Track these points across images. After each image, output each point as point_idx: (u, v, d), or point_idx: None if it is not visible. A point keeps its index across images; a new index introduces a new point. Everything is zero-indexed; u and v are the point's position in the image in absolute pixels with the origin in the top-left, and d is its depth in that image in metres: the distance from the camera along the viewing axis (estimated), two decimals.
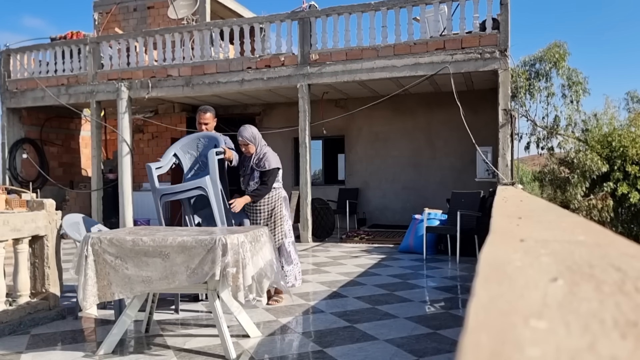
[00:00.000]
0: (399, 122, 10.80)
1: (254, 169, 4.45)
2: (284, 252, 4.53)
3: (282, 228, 4.54)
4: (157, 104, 11.43)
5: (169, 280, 3.10)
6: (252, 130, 4.50)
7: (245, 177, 4.54)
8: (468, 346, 0.45)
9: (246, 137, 4.43)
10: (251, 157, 4.49)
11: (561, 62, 11.67)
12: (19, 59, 10.72)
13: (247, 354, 3.22)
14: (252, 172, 4.46)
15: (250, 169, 4.47)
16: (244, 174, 4.55)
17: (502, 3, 7.66)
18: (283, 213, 4.55)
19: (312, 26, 8.62)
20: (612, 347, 0.43)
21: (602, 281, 0.63)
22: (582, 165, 11.03)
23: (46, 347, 3.39)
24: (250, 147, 4.45)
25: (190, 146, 4.48)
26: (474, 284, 0.64)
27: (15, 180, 10.91)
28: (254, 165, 4.45)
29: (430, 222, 7.42)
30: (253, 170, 4.45)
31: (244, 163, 4.56)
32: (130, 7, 12.46)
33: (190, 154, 4.46)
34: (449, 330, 3.65)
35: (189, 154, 4.46)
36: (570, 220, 1.56)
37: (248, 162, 4.51)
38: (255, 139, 4.47)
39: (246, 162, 4.54)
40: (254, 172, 4.45)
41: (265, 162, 4.42)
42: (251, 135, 4.45)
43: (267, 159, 4.43)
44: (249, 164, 4.48)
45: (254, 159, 4.47)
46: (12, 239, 3.83)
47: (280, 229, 4.53)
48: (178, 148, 4.45)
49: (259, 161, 4.45)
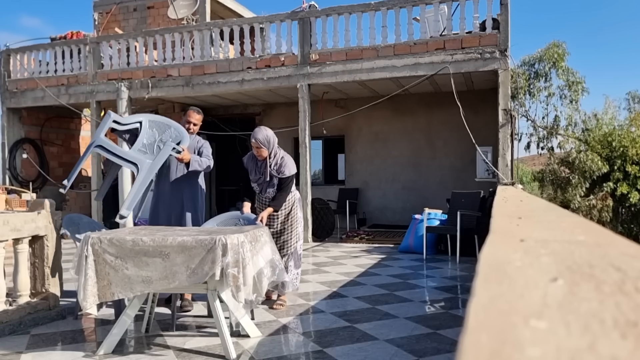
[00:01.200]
0: (399, 122, 10.80)
1: (273, 175, 4.23)
2: (295, 255, 4.38)
3: (297, 230, 4.41)
4: (157, 104, 11.43)
5: (169, 280, 3.09)
6: (267, 132, 4.20)
7: (263, 185, 4.30)
8: (468, 346, 0.45)
9: (259, 139, 4.14)
10: (266, 162, 4.23)
11: (560, 62, 11.67)
12: (19, 59, 10.72)
13: (247, 354, 3.22)
14: (271, 179, 4.25)
15: (269, 176, 4.24)
16: (261, 181, 4.30)
17: (502, 3, 7.66)
18: (298, 215, 4.41)
19: (312, 26, 8.62)
20: (612, 347, 0.43)
21: (602, 281, 0.63)
22: (582, 165, 11.02)
23: (46, 347, 3.39)
24: (263, 151, 4.17)
25: (160, 127, 4.20)
26: (474, 284, 0.64)
27: (15, 180, 10.91)
28: (274, 172, 4.22)
29: (430, 222, 7.42)
30: (272, 177, 4.24)
31: (258, 168, 4.30)
32: (130, 7, 12.46)
33: (154, 131, 4.18)
34: (449, 330, 3.65)
35: (153, 131, 4.17)
36: (570, 220, 1.56)
37: (264, 168, 4.25)
38: (269, 143, 4.18)
39: (261, 167, 4.28)
40: (273, 178, 4.24)
41: (285, 169, 4.21)
42: (265, 138, 4.16)
43: (286, 165, 4.23)
44: (266, 170, 4.24)
45: (272, 166, 4.22)
46: (12, 239, 3.83)
47: (296, 232, 4.38)
48: (148, 119, 4.20)
49: (278, 167, 4.22)
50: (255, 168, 4.33)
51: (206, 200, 4.80)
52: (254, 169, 4.34)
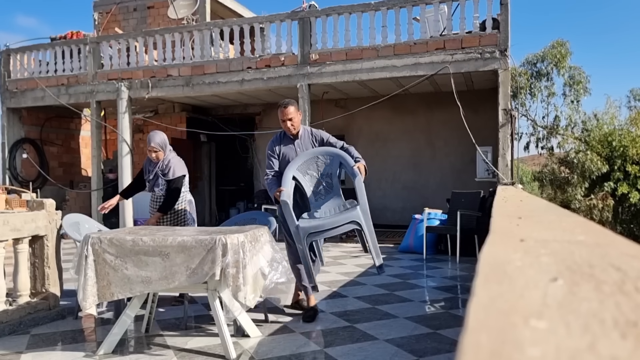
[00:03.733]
0: (399, 122, 10.80)
1: (158, 175, 4.31)
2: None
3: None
4: (157, 104, 11.43)
5: (169, 280, 3.09)
6: (162, 136, 4.33)
7: (149, 183, 4.40)
8: (468, 346, 0.45)
9: (159, 143, 4.25)
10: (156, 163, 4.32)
11: (563, 61, 11.67)
12: (19, 59, 10.72)
13: (247, 354, 3.22)
14: (157, 179, 4.33)
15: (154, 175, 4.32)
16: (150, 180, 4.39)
17: (502, 3, 7.66)
18: (188, 217, 4.46)
19: (312, 26, 8.62)
20: (612, 347, 0.43)
21: (602, 281, 0.63)
22: (582, 165, 11.03)
23: (46, 347, 3.39)
24: (160, 154, 4.28)
25: (309, 166, 3.96)
26: (474, 284, 0.64)
27: (15, 180, 10.91)
28: (159, 173, 4.30)
29: (430, 222, 7.42)
30: (158, 177, 4.32)
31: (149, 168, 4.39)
32: (130, 7, 12.46)
33: (310, 175, 3.97)
34: (449, 330, 3.65)
35: (309, 174, 3.97)
36: (570, 220, 1.56)
37: (153, 168, 4.34)
38: (165, 147, 4.31)
39: (151, 167, 4.37)
40: (159, 179, 4.32)
41: (169, 171, 4.28)
42: (162, 142, 4.28)
43: (172, 167, 4.29)
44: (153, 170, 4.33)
45: (159, 166, 4.31)
46: (12, 239, 3.83)
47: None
48: (295, 169, 3.91)
49: (164, 169, 4.30)
50: (149, 168, 4.42)
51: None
52: (147, 169, 4.44)
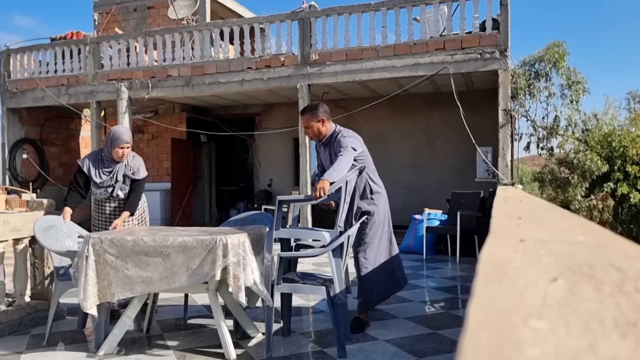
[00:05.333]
0: (399, 122, 10.80)
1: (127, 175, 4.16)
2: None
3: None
4: (157, 104, 11.43)
5: (170, 280, 3.09)
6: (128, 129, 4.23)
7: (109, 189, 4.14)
8: (468, 346, 0.45)
9: (131, 138, 4.15)
10: (115, 164, 4.12)
11: (560, 62, 11.67)
12: (19, 59, 10.72)
13: (247, 354, 3.22)
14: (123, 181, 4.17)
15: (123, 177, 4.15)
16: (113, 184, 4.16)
17: (502, 3, 7.66)
18: (147, 220, 4.44)
19: (312, 26, 8.62)
20: (612, 347, 0.43)
21: (602, 281, 0.63)
22: (582, 166, 11.02)
23: (46, 347, 3.39)
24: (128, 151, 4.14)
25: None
26: (474, 284, 0.64)
27: (15, 181, 10.91)
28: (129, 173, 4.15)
29: (430, 222, 7.42)
30: (126, 178, 4.17)
31: (104, 171, 4.12)
32: (130, 7, 12.46)
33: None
34: (449, 330, 3.65)
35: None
36: (570, 220, 1.56)
37: (112, 170, 4.11)
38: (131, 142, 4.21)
39: (108, 170, 4.12)
40: (126, 179, 4.18)
41: (141, 169, 4.20)
42: (130, 138, 4.14)
43: (140, 164, 4.21)
44: (114, 171, 4.11)
45: (129, 166, 4.15)
46: (12, 239, 3.83)
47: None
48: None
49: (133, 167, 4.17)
50: (102, 171, 4.13)
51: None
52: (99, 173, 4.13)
